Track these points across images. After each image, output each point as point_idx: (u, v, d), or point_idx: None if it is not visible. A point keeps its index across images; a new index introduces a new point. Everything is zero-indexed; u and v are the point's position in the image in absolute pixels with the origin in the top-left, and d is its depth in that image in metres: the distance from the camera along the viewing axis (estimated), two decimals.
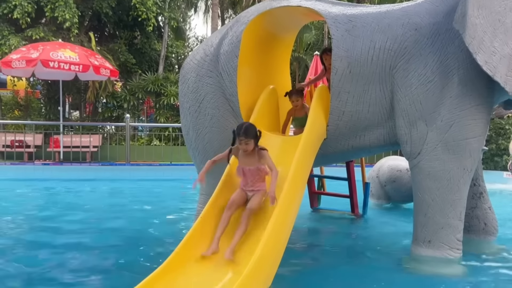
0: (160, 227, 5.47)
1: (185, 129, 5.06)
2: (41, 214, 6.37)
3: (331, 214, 6.29)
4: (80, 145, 11.98)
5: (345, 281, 3.56)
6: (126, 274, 3.59)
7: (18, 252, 4.31)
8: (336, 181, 6.25)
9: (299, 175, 3.70)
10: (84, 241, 4.67)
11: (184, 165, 11.15)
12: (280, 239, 3.31)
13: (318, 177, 6.48)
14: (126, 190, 8.99)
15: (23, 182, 9.39)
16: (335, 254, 4.48)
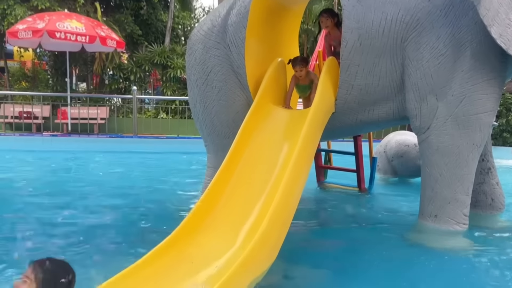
0: (168, 199, 5.53)
1: (192, 101, 5.04)
2: (48, 185, 6.44)
3: (337, 189, 6.30)
4: (88, 117, 12.01)
5: (349, 254, 3.59)
6: (135, 245, 3.65)
7: (22, 223, 4.37)
8: (343, 156, 6.24)
9: (306, 149, 3.68)
10: (91, 212, 4.74)
11: (191, 138, 11.18)
12: (286, 213, 3.31)
13: (325, 152, 6.46)
14: (134, 162, 9.05)
15: (32, 153, 9.48)
16: (340, 228, 4.52)
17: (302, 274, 3.15)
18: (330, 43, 4.72)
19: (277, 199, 3.14)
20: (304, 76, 4.38)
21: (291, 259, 3.28)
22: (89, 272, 2.97)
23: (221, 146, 4.75)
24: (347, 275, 3.10)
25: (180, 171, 7.94)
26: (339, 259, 3.45)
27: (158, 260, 2.82)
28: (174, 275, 2.73)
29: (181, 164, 8.85)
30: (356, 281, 3.02)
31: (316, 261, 3.43)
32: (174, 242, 3.02)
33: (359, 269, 3.24)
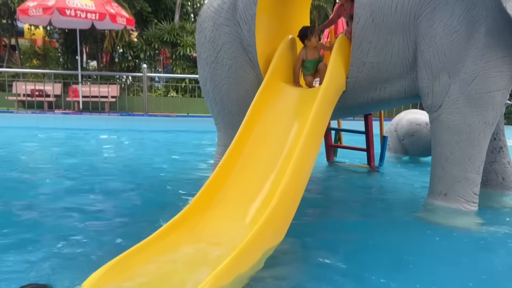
0: (178, 177, 5.59)
1: (203, 79, 5.04)
2: (60, 163, 6.56)
3: (347, 167, 6.31)
4: (99, 95, 12.09)
5: (357, 232, 3.61)
6: (148, 221, 3.71)
7: (35, 200, 4.44)
8: (352, 135, 6.22)
9: (316, 127, 3.68)
10: (103, 189, 4.82)
11: (201, 116, 11.21)
12: (296, 191, 3.34)
13: (335, 130, 6.45)
14: (145, 141, 9.14)
15: (44, 131, 9.61)
16: (349, 206, 4.54)
17: (310, 252, 3.18)
18: (340, 14, 4.67)
19: (287, 177, 3.16)
20: (312, 47, 4.28)
21: (299, 236, 3.31)
22: (100, 248, 3.05)
23: (231, 124, 4.77)
24: (355, 253, 3.13)
25: (190, 150, 8.00)
26: (347, 237, 3.47)
27: (169, 235, 2.88)
28: (185, 251, 2.79)
29: (191, 143, 8.91)
30: (364, 258, 3.05)
31: (324, 238, 3.47)
32: (185, 218, 3.08)
33: (367, 247, 3.27)
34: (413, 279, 2.72)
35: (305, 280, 2.70)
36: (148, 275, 2.45)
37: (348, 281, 2.67)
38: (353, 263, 2.93)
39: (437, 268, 2.94)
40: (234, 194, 3.40)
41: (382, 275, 2.74)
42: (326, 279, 2.70)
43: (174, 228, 2.95)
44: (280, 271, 2.77)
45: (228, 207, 3.25)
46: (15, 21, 14.93)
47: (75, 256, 2.93)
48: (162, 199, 4.51)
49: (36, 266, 2.72)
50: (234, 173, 3.57)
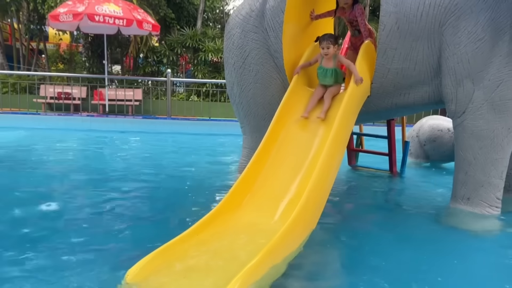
0: (203, 178, 5.73)
1: (230, 84, 5.21)
2: (89, 163, 6.80)
3: (368, 172, 6.39)
4: (124, 99, 12.41)
5: (379, 236, 3.68)
6: (178, 220, 3.87)
7: (61, 197, 4.65)
8: (372, 140, 6.30)
9: (341, 132, 3.80)
10: (129, 190, 4.98)
11: (222, 120, 11.41)
12: (322, 192, 3.47)
13: (357, 135, 6.55)
14: (168, 143, 9.36)
15: (72, 132, 9.93)
16: (371, 210, 4.60)
17: (331, 256, 3.27)
18: (340, 15, 4.73)
19: (314, 179, 3.29)
20: (330, 56, 4.07)
21: (321, 240, 3.41)
22: (136, 245, 3.21)
23: (257, 128, 4.93)
24: (376, 256, 3.17)
25: (213, 152, 8.18)
26: (368, 242, 3.53)
27: (200, 233, 3.03)
28: (218, 246, 2.93)
29: (213, 145, 9.10)
30: (386, 262, 3.09)
31: (346, 242, 3.54)
32: (217, 215, 3.23)
33: (389, 250, 3.32)
34: (435, 283, 2.78)
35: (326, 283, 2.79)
36: (185, 267, 2.60)
37: (369, 284, 2.74)
38: (374, 267, 2.99)
39: (460, 272, 3.01)
40: (263, 194, 3.54)
41: (404, 279, 2.80)
42: (347, 282, 2.79)
43: (207, 224, 3.10)
44: (303, 272, 2.85)
45: (258, 206, 3.40)
46: (44, 26, 15.45)
47: (114, 253, 3.09)
48: (190, 200, 4.64)
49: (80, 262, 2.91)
50: (262, 174, 3.72)
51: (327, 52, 4.05)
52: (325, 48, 4.05)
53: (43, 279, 2.61)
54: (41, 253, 3.01)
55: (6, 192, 4.67)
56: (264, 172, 3.73)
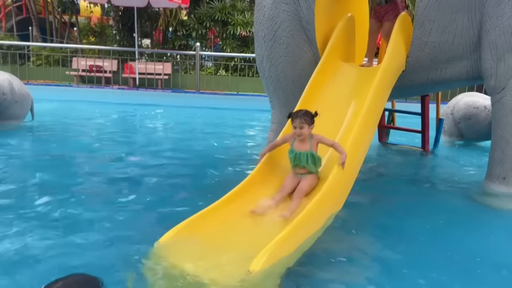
0: (230, 152, 5.77)
1: (259, 58, 5.14)
2: (120, 135, 6.94)
3: (399, 149, 6.26)
4: (154, 73, 12.50)
5: (410, 215, 3.59)
6: (205, 192, 3.89)
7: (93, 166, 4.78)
8: (404, 117, 6.13)
9: (374, 108, 3.70)
10: (158, 164, 5.01)
11: (250, 95, 11.36)
12: (352, 168, 3.42)
13: (389, 111, 6.39)
14: (197, 117, 9.43)
15: (103, 105, 10.12)
16: (402, 188, 4.51)
17: (361, 234, 3.21)
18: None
19: (346, 150, 3.23)
20: (304, 138, 3.19)
21: (349, 219, 3.37)
22: (158, 221, 3.25)
23: (286, 103, 4.87)
24: (408, 237, 3.11)
25: (241, 127, 8.19)
26: (399, 221, 3.45)
27: (232, 204, 3.05)
28: (247, 218, 2.95)
29: (241, 120, 9.10)
30: (419, 242, 3.03)
31: (376, 221, 3.48)
32: (246, 189, 3.23)
33: (422, 231, 3.24)
34: (469, 262, 2.73)
35: (357, 260, 2.76)
36: (215, 237, 2.63)
37: (401, 264, 2.69)
38: (405, 246, 2.93)
39: (493, 251, 2.94)
40: None
41: (438, 259, 2.75)
42: (376, 259, 2.75)
43: (232, 200, 3.10)
44: (332, 249, 2.84)
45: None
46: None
47: (145, 223, 3.18)
48: (217, 175, 4.65)
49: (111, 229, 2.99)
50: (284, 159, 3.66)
51: (301, 133, 3.15)
52: (297, 128, 3.16)
53: (81, 247, 2.70)
54: (76, 223, 3.11)
55: (37, 161, 4.85)
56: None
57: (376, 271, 2.60)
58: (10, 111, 6.38)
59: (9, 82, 6.34)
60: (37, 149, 5.56)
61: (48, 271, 2.26)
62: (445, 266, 2.66)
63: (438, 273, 2.56)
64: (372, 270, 2.61)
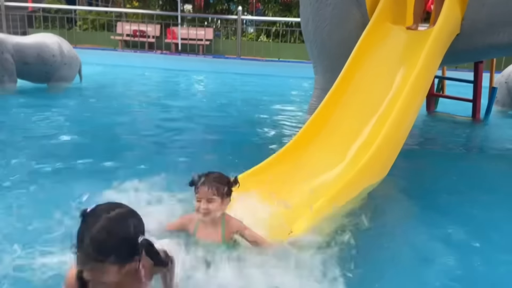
0: (272, 118, 5.74)
1: (304, 21, 5.00)
2: (163, 99, 7.06)
3: (448, 118, 6.00)
4: (196, 38, 12.50)
5: (459, 186, 3.45)
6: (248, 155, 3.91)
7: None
8: (453, 85, 5.83)
9: (424, 74, 3.53)
10: (205, 127, 5.09)
11: (291, 62, 11.16)
12: (399, 133, 3.32)
13: (439, 78, 6.10)
14: (238, 83, 9.40)
15: (146, 69, 10.27)
16: (448, 155, 4.36)
17: (410, 206, 3.14)
18: None
19: (390, 122, 3.15)
20: (213, 220, 2.08)
21: (396, 189, 3.30)
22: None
23: (331, 67, 4.74)
24: (460, 210, 2.98)
25: (282, 94, 8.11)
26: (444, 182, 3.35)
27: (274, 167, 3.06)
28: (289, 181, 2.96)
29: (282, 87, 9.00)
30: (472, 216, 2.91)
31: (423, 192, 3.34)
32: (288, 153, 3.24)
33: (474, 203, 3.09)
34: None
35: (411, 229, 2.71)
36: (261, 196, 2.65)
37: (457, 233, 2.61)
38: (456, 220, 2.81)
39: None
40: (334, 136, 3.46)
41: (495, 234, 2.65)
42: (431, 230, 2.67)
43: (278, 160, 3.12)
44: (381, 220, 2.78)
45: (330, 145, 3.35)
46: None
47: None
48: (257, 140, 4.65)
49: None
50: (334, 116, 3.61)
51: (207, 209, 2.04)
52: (203, 201, 2.04)
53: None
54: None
55: (83, 121, 5.03)
56: (337, 114, 3.62)
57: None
58: (60, 73, 6.60)
59: (59, 45, 6.53)
60: (84, 110, 5.74)
61: None
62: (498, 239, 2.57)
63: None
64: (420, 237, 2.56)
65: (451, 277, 2.14)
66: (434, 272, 2.19)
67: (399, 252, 2.40)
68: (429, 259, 2.32)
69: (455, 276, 2.14)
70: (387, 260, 2.29)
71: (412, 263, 2.30)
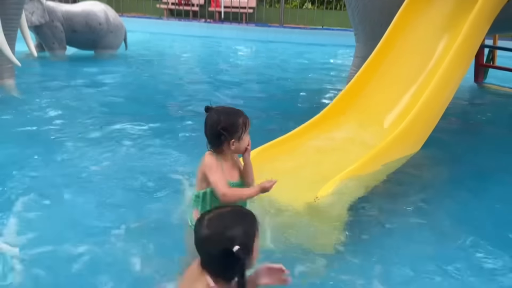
0: (310, 87, 5.73)
1: None
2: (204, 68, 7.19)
3: (498, 90, 5.70)
4: (239, 6, 12.41)
5: (498, 153, 3.39)
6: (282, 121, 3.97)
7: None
8: (505, 56, 5.49)
9: (468, 42, 3.36)
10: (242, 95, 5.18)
11: (336, 29, 10.88)
12: (438, 104, 3.22)
13: (489, 48, 5.77)
14: (279, 53, 9.31)
15: (190, 38, 10.39)
16: (492, 129, 4.20)
17: (443, 182, 3.07)
18: None
19: (431, 88, 3.07)
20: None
21: (431, 151, 3.23)
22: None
23: (372, 35, 4.59)
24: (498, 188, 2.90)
25: (324, 63, 7.98)
26: (483, 154, 3.29)
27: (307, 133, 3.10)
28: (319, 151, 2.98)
29: (325, 56, 8.84)
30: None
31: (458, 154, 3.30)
32: (321, 121, 3.25)
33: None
34: None
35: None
36: (287, 164, 2.70)
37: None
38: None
39: None
40: (371, 103, 3.42)
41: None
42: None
43: (311, 127, 3.15)
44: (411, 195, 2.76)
45: (364, 115, 3.31)
46: None
47: None
48: (295, 107, 4.71)
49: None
50: (372, 84, 3.55)
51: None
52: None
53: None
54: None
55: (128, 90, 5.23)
56: (374, 83, 3.56)
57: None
58: (106, 40, 6.83)
59: (105, 13, 6.73)
60: (129, 78, 5.96)
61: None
62: None
63: None
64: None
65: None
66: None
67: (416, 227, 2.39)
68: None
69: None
70: (402, 231, 2.31)
71: (430, 240, 2.28)
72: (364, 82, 3.53)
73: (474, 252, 2.14)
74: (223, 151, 1.72)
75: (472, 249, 2.17)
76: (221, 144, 1.70)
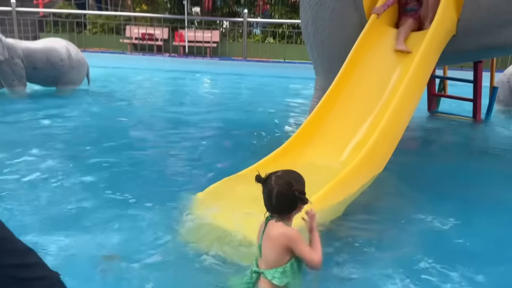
0: (275, 118, 5.87)
1: (304, 23, 5.08)
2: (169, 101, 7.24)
3: (449, 118, 6.04)
4: (203, 40, 12.64)
5: (459, 188, 3.50)
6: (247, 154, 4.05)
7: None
8: (456, 86, 5.86)
9: (420, 72, 3.61)
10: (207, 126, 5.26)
11: (297, 63, 11.24)
12: (395, 132, 3.40)
13: (440, 78, 6.14)
14: (244, 84, 9.51)
15: (154, 72, 10.43)
16: (449, 159, 4.37)
17: (404, 195, 3.24)
18: None
19: (388, 116, 3.24)
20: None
21: (390, 181, 3.38)
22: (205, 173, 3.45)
23: (331, 68, 4.81)
24: (457, 208, 3.07)
25: (286, 94, 8.19)
26: (448, 194, 3.36)
27: (271, 165, 3.15)
28: None
29: (287, 88, 9.08)
30: (469, 214, 3.01)
31: (421, 194, 3.40)
32: (286, 151, 3.33)
33: (474, 202, 3.19)
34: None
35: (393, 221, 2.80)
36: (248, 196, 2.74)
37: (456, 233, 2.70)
38: (456, 217, 2.91)
39: None
40: (332, 134, 3.55)
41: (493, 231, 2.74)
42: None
43: (272, 161, 3.21)
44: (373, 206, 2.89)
45: (327, 144, 3.43)
46: None
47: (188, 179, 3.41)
48: (259, 138, 4.79)
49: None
50: (332, 115, 3.70)
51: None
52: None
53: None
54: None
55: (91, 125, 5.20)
56: (334, 113, 3.71)
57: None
58: (68, 76, 6.77)
59: (66, 49, 6.70)
60: (92, 113, 5.90)
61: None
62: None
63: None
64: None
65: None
66: None
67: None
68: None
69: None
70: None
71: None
72: (325, 113, 3.68)
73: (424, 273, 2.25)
74: (291, 217, 1.66)
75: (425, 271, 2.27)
76: (295, 209, 1.64)
